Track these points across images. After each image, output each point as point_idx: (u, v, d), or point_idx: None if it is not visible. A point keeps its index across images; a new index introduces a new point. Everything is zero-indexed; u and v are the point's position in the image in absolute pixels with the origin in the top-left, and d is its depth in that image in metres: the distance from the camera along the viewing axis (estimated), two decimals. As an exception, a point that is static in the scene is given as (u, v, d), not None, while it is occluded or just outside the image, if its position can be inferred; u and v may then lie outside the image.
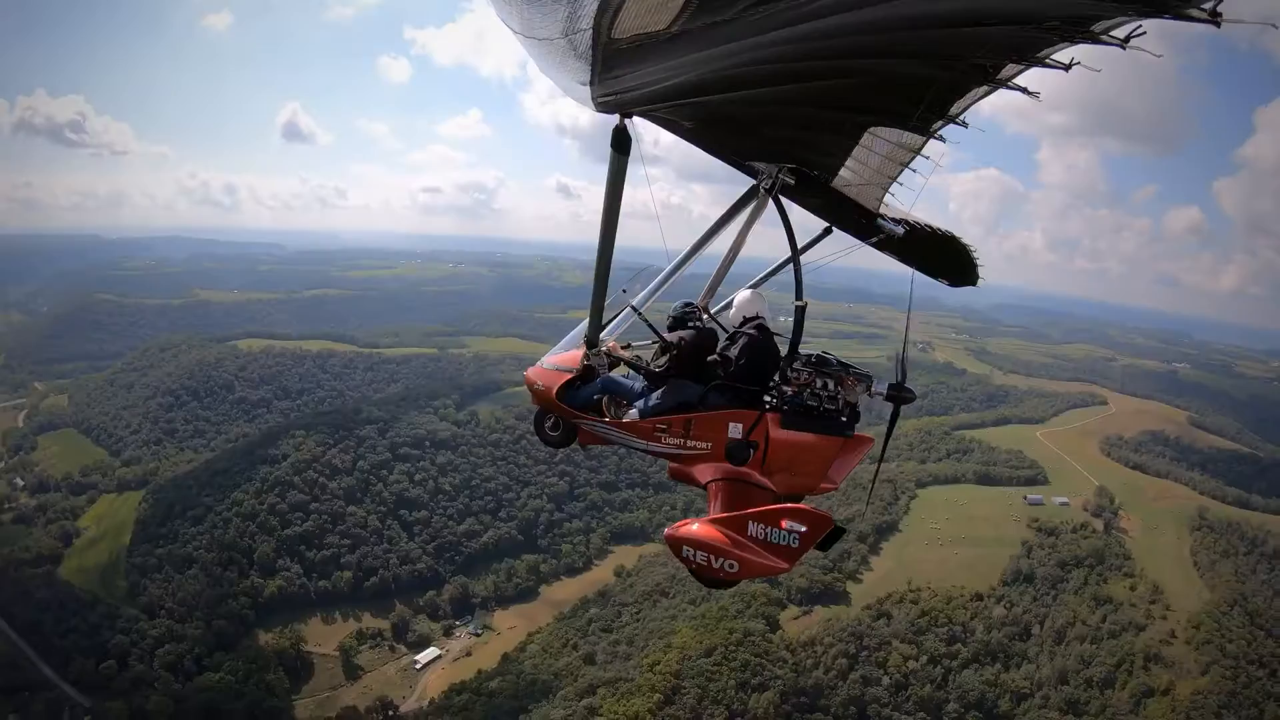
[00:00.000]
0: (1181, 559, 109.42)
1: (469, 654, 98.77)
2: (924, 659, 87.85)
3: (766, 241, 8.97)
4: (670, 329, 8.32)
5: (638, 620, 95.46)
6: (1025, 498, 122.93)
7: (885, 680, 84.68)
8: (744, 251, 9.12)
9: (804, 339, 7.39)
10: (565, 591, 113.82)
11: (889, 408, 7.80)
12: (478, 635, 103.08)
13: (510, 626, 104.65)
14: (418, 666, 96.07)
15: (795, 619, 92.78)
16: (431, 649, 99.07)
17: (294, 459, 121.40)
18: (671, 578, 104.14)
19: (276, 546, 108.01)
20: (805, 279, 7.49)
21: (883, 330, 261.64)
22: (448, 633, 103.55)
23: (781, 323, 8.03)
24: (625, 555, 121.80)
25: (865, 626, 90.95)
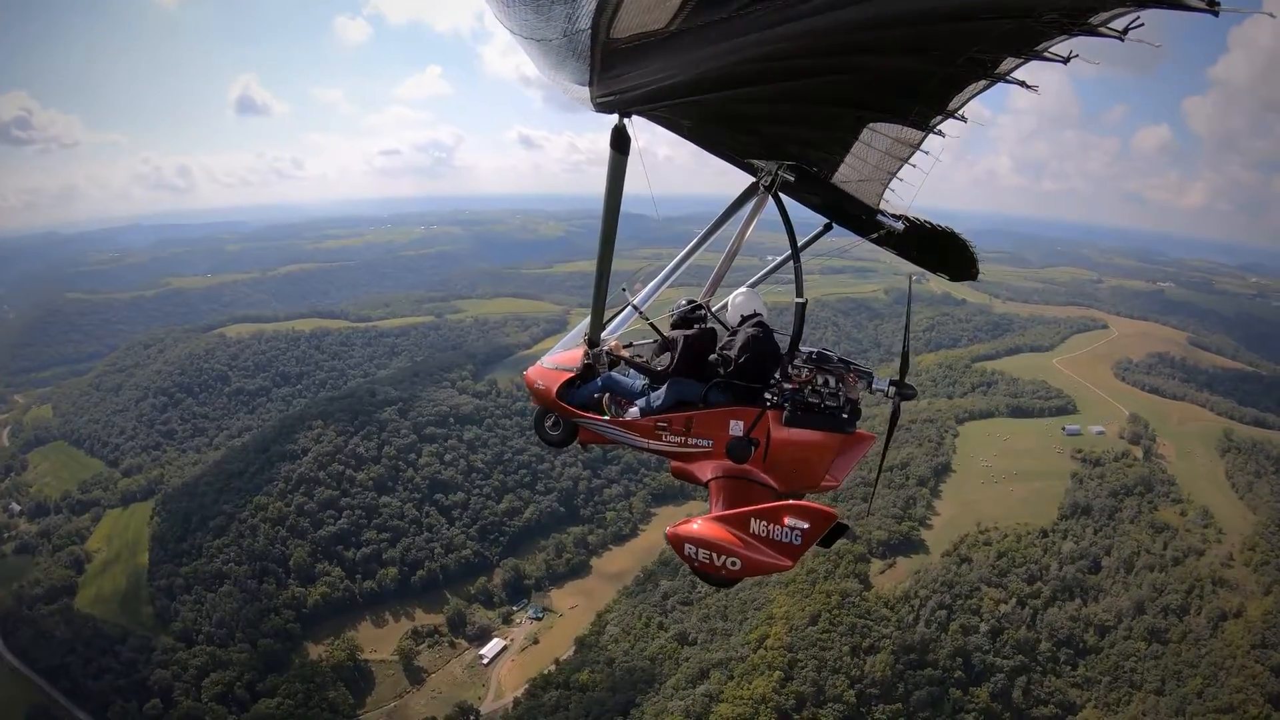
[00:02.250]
0: (1218, 481, 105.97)
1: (536, 641, 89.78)
2: (1012, 601, 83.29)
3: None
4: (674, 327, 7.91)
5: (719, 590, 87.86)
6: (1064, 429, 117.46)
7: (982, 627, 79.40)
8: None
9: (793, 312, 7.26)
10: (618, 562, 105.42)
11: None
12: (539, 619, 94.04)
13: (571, 606, 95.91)
14: (484, 661, 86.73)
15: (882, 573, 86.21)
16: (495, 640, 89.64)
17: (315, 452, 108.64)
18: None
19: (312, 550, 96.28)
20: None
21: (871, 262, 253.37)
22: (507, 620, 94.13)
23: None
24: (670, 516, 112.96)
25: (952, 574, 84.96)
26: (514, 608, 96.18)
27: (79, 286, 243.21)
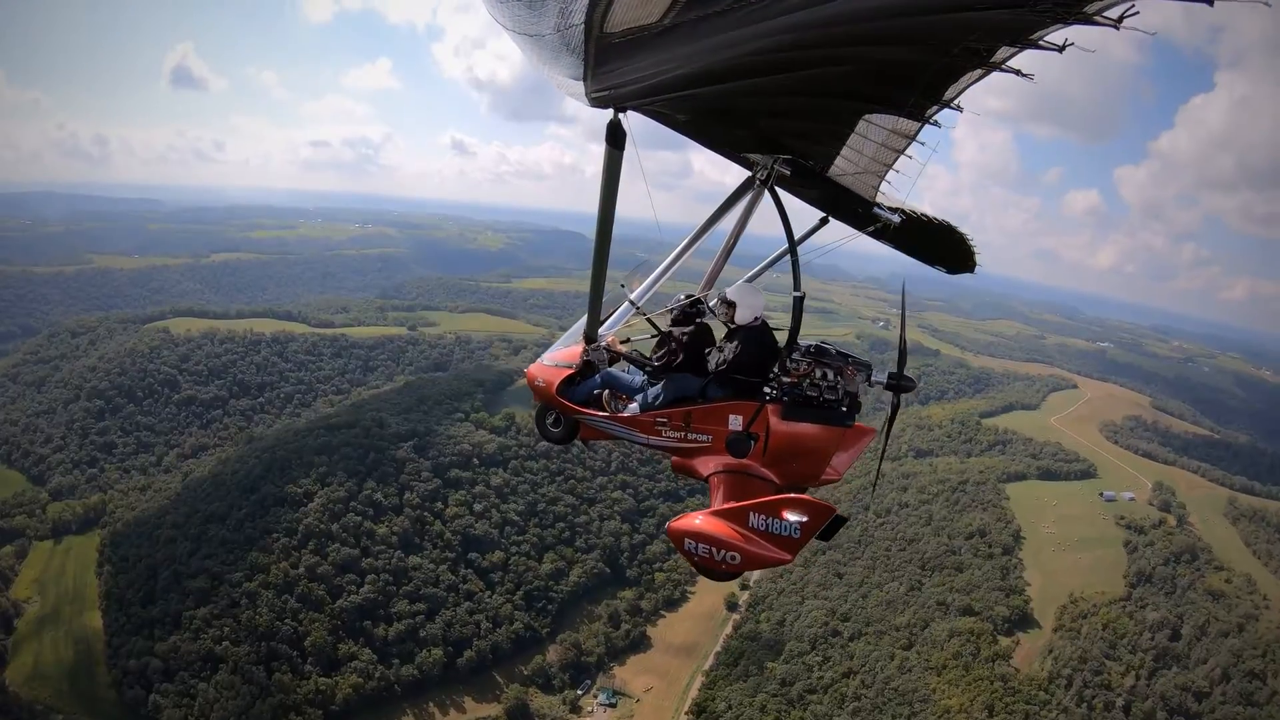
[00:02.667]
0: (1240, 548, 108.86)
1: (620, 737, 76.37)
2: (1131, 675, 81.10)
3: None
4: (674, 322, 7.80)
5: (849, 675, 78.52)
6: (1101, 494, 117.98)
7: (1118, 702, 76.54)
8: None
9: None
10: (680, 632, 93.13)
11: None
12: (613, 705, 79.97)
13: (647, 689, 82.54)
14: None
15: (1014, 653, 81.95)
16: (570, 737, 75.29)
17: (324, 498, 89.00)
18: (824, 610, 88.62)
19: (333, 626, 77.48)
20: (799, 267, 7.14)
21: (834, 305, 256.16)
22: (575, 709, 79.20)
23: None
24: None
25: (1082, 650, 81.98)
26: (579, 691, 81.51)
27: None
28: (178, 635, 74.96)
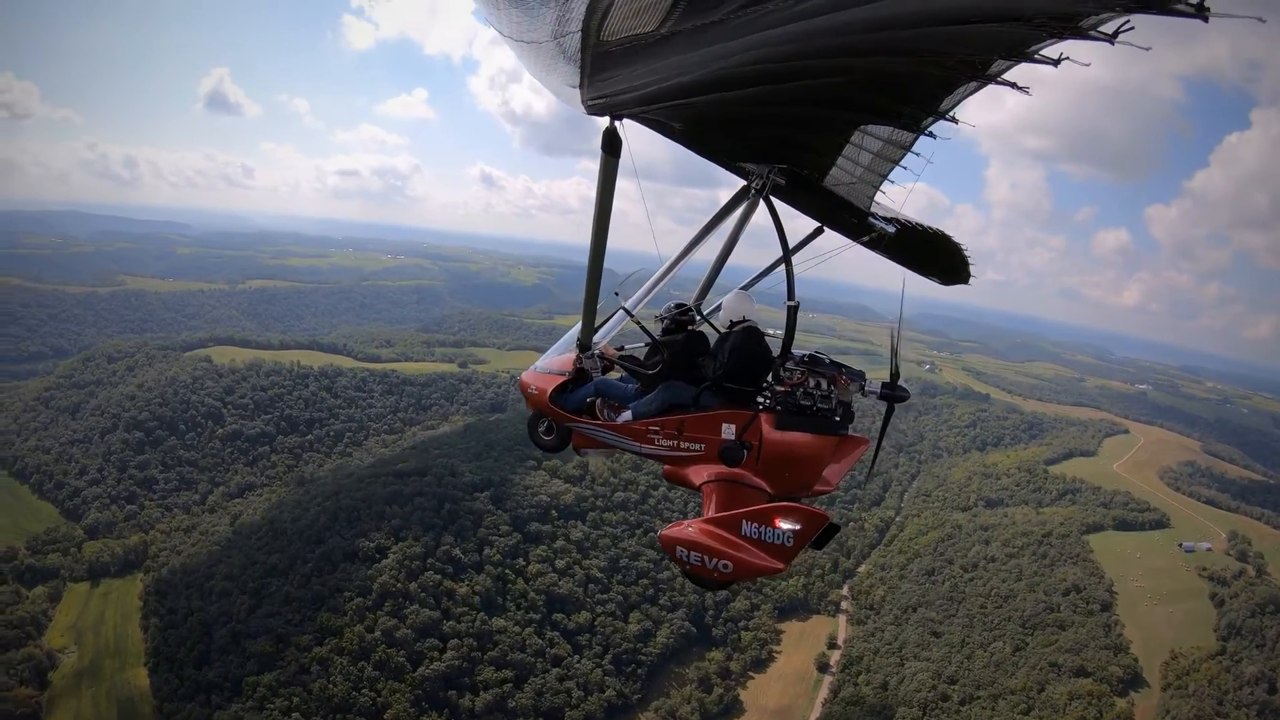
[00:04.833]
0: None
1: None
2: None
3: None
4: (664, 331, 7.54)
5: None
6: (1180, 545, 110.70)
7: None
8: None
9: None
10: (771, 694, 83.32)
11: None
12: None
13: (749, 765, 73.49)
14: None
15: (1133, 713, 75.42)
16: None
17: (400, 553, 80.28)
18: (929, 672, 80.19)
19: (415, 697, 68.17)
20: (799, 282, 6.97)
21: (875, 347, 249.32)
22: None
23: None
24: (798, 635, 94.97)
25: (1199, 708, 75.17)
26: (677, 768, 72.20)
27: (18, 271, 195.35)
28: (239, 704, 65.25)
